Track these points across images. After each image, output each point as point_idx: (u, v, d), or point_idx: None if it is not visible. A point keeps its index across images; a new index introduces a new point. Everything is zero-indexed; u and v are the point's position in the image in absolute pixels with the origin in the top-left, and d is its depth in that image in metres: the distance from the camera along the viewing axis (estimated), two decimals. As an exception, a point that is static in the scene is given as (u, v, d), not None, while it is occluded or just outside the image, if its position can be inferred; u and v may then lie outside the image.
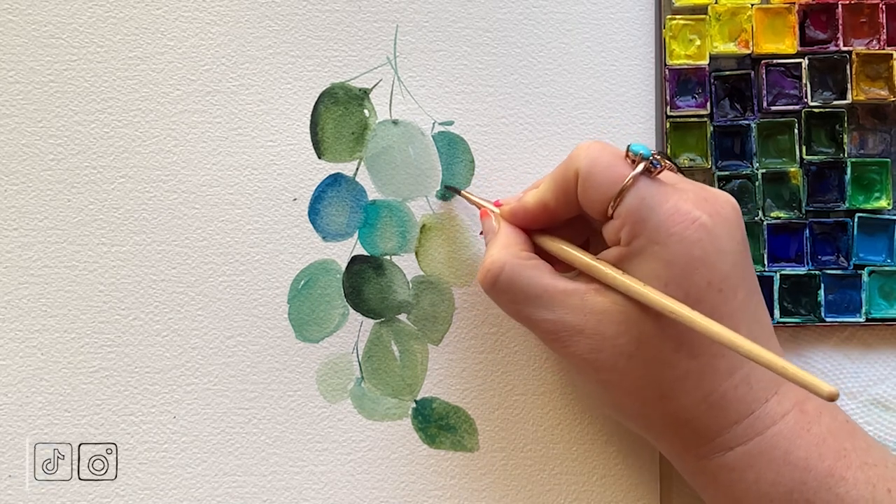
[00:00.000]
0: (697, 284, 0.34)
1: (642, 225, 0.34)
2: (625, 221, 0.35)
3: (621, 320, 0.35)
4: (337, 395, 0.43)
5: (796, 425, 0.35)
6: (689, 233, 0.34)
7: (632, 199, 0.34)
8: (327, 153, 0.43)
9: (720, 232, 0.35)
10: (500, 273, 0.36)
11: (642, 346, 0.35)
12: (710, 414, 0.35)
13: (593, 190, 0.35)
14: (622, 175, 0.35)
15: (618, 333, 0.35)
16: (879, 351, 0.43)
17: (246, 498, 0.42)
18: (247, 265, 0.43)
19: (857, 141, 0.44)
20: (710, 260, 0.34)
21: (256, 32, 0.43)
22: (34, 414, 0.42)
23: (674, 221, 0.34)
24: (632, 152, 0.35)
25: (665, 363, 0.35)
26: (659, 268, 0.34)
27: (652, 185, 0.35)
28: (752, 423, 0.35)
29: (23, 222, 0.42)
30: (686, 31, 0.43)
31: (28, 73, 0.42)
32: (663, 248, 0.34)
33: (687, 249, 0.34)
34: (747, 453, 0.35)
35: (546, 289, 0.36)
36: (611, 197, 0.35)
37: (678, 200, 0.34)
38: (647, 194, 0.34)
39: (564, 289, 0.36)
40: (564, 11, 0.44)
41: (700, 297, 0.34)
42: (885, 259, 0.43)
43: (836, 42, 0.43)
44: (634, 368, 0.35)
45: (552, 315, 0.36)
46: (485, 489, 0.43)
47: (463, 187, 0.43)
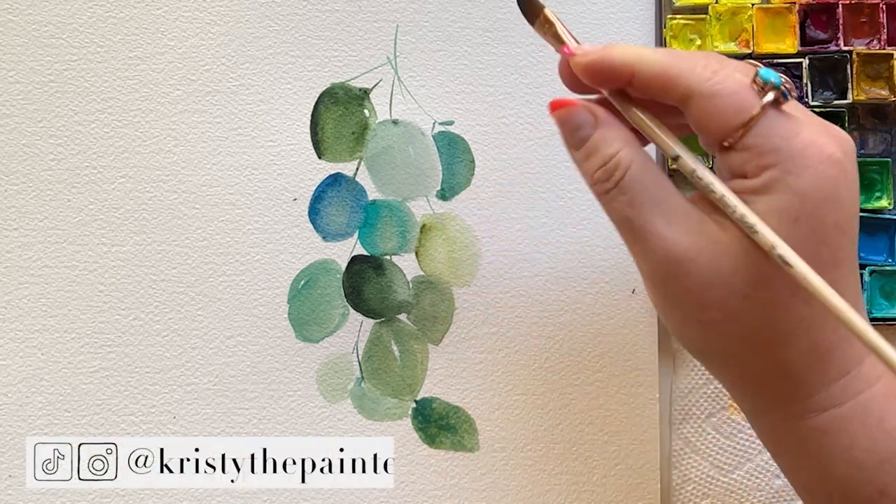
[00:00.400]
0: (825, 222, 0.32)
1: (776, 156, 0.31)
2: (754, 153, 0.32)
3: (742, 256, 0.32)
4: (337, 395, 0.43)
5: (888, 392, 0.33)
6: (823, 167, 0.31)
7: (762, 128, 0.31)
8: (327, 153, 0.43)
9: (850, 169, 0.32)
10: (628, 168, 0.32)
11: (759, 287, 0.32)
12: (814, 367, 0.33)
13: (715, 114, 0.32)
14: (751, 103, 0.31)
15: (734, 270, 0.32)
16: (880, 351, 0.43)
17: (245, 498, 0.42)
18: (247, 265, 0.43)
19: (857, 141, 0.44)
20: (840, 197, 0.32)
21: (256, 32, 0.43)
22: (34, 414, 0.42)
23: (809, 154, 0.31)
24: (761, 79, 0.32)
25: (780, 307, 0.32)
26: (793, 201, 0.31)
27: (780, 116, 0.32)
28: (849, 384, 0.33)
29: (23, 222, 0.42)
30: (686, 31, 0.43)
31: (28, 73, 0.42)
32: (798, 180, 0.31)
33: (821, 184, 0.31)
34: (842, 416, 0.33)
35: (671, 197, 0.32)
36: (734, 127, 0.32)
37: (811, 132, 0.32)
38: (778, 125, 0.32)
39: (690, 206, 0.32)
40: (565, 11, 0.44)
41: (825, 236, 0.32)
42: (886, 259, 0.43)
43: (837, 42, 0.43)
44: (746, 311, 0.32)
45: (668, 230, 0.32)
46: (485, 489, 0.43)
47: (463, 188, 0.43)
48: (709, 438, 0.43)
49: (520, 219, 0.43)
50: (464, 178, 0.43)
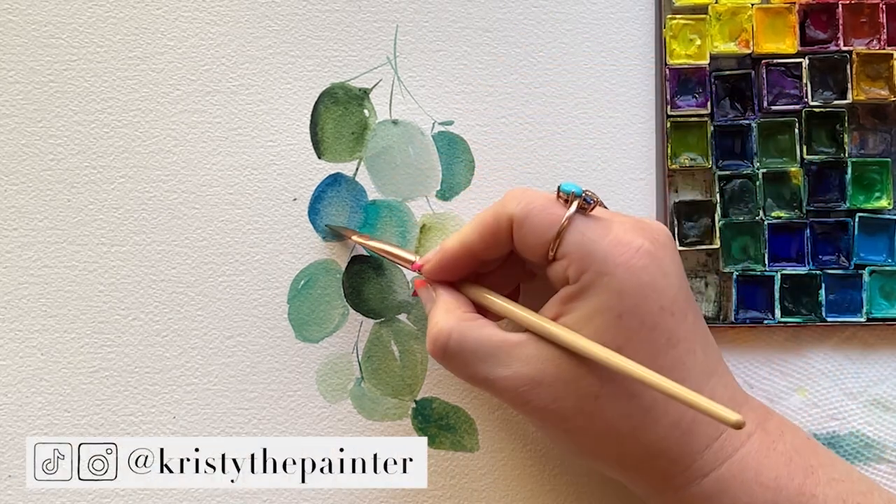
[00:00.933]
0: (651, 310, 0.34)
1: (589, 259, 0.34)
2: (570, 259, 0.35)
3: (580, 361, 0.35)
4: (337, 395, 0.43)
5: (762, 445, 0.35)
6: (634, 260, 0.34)
7: (573, 236, 0.35)
8: (327, 153, 0.43)
9: (662, 256, 0.35)
10: (448, 339, 0.36)
11: (605, 384, 0.34)
12: (682, 440, 0.35)
13: (531, 234, 0.35)
14: (558, 216, 0.35)
15: (579, 375, 0.35)
16: (880, 351, 0.43)
17: (245, 498, 0.42)
18: (247, 265, 0.43)
19: (857, 141, 0.44)
20: (659, 285, 0.34)
21: (256, 32, 0.43)
22: (34, 414, 0.42)
23: (619, 251, 0.34)
24: (563, 192, 0.35)
25: (630, 396, 0.35)
26: (612, 299, 0.34)
27: (589, 221, 0.35)
28: (722, 446, 0.35)
29: (23, 222, 0.42)
30: (686, 31, 0.43)
31: (28, 73, 0.42)
32: (612, 279, 0.34)
33: (636, 277, 0.34)
34: (720, 478, 0.35)
35: (497, 345, 0.36)
36: (550, 239, 0.35)
37: (618, 231, 0.35)
38: (587, 229, 0.35)
39: (516, 341, 0.36)
40: (564, 11, 0.44)
41: (655, 322, 0.34)
42: (885, 259, 0.43)
43: (837, 42, 0.43)
44: (602, 407, 0.35)
45: (508, 371, 0.35)
46: (485, 489, 0.43)
47: (463, 188, 0.43)
48: (708, 438, 0.43)
49: (520, 219, 0.43)
50: (464, 178, 0.43)
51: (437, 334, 0.36)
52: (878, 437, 0.43)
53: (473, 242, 0.37)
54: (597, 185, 0.43)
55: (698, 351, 0.35)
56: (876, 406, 0.43)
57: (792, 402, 0.43)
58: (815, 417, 0.43)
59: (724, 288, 0.43)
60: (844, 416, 0.43)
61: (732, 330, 0.43)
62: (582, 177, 0.43)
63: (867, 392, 0.43)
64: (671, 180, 0.44)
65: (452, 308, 0.37)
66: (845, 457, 0.43)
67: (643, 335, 0.34)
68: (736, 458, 0.35)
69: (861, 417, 0.43)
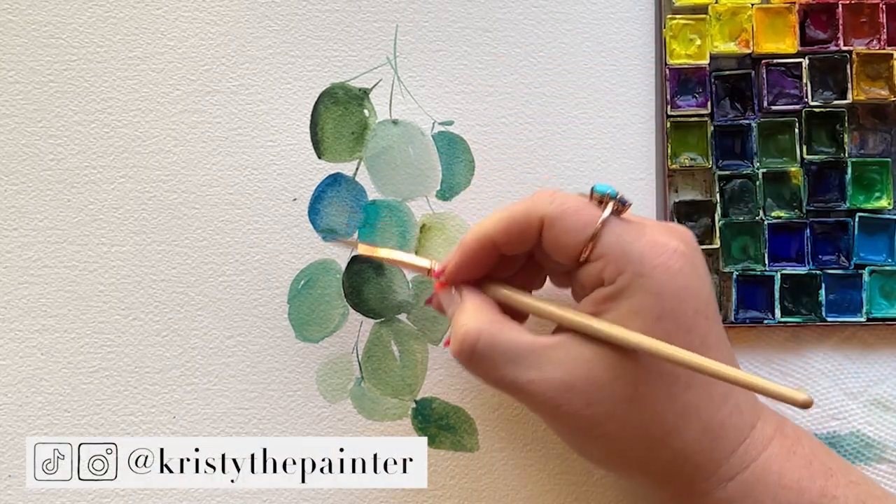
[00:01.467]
0: (687, 313, 0.34)
1: (625, 260, 0.34)
2: (606, 261, 0.34)
3: (614, 363, 0.34)
4: (337, 395, 0.43)
5: (782, 448, 0.36)
6: (671, 262, 0.34)
7: (608, 237, 0.34)
8: (327, 153, 0.43)
9: (696, 260, 0.35)
10: (476, 340, 0.35)
11: (640, 385, 0.34)
12: (712, 445, 0.35)
13: (564, 234, 0.35)
14: (593, 216, 0.34)
15: (613, 378, 0.34)
16: (880, 351, 0.43)
17: (245, 498, 0.42)
18: (247, 265, 0.43)
19: (857, 141, 0.44)
20: (694, 287, 0.34)
21: (256, 32, 0.43)
22: (34, 414, 0.42)
23: (656, 253, 0.34)
24: (598, 193, 0.35)
25: (665, 398, 0.34)
26: (650, 300, 0.34)
27: (623, 223, 0.35)
28: (747, 450, 0.35)
29: (23, 222, 0.42)
30: (686, 31, 0.43)
31: (28, 73, 0.42)
32: (650, 280, 0.34)
33: (673, 278, 0.34)
34: (745, 482, 0.35)
35: (528, 347, 0.35)
36: (584, 240, 0.34)
37: (653, 233, 0.35)
38: (622, 231, 0.34)
39: (548, 343, 0.35)
40: (564, 11, 0.44)
41: (691, 325, 0.34)
42: (885, 259, 0.43)
43: (837, 42, 0.43)
44: (635, 411, 0.34)
45: (539, 374, 0.34)
46: (485, 489, 0.43)
47: (463, 188, 0.43)
48: (708, 438, 0.43)
49: (520, 219, 0.43)
50: (463, 178, 0.43)
51: (465, 335, 0.35)
52: (879, 437, 0.43)
53: (496, 235, 0.36)
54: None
55: (725, 354, 0.35)
56: (876, 406, 0.43)
57: (792, 402, 0.43)
58: (816, 417, 0.43)
59: (724, 288, 0.43)
60: (845, 415, 0.43)
61: (732, 330, 0.43)
62: (582, 177, 0.43)
63: (867, 392, 0.43)
64: (671, 180, 0.44)
65: (481, 308, 0.36)
66: (846, 456, 0.43)
67: (679, 337, 0.34)
68: (760, 461, 0.35)
69: (861, 417, 0.43)
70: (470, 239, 0.36)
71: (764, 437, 0.35)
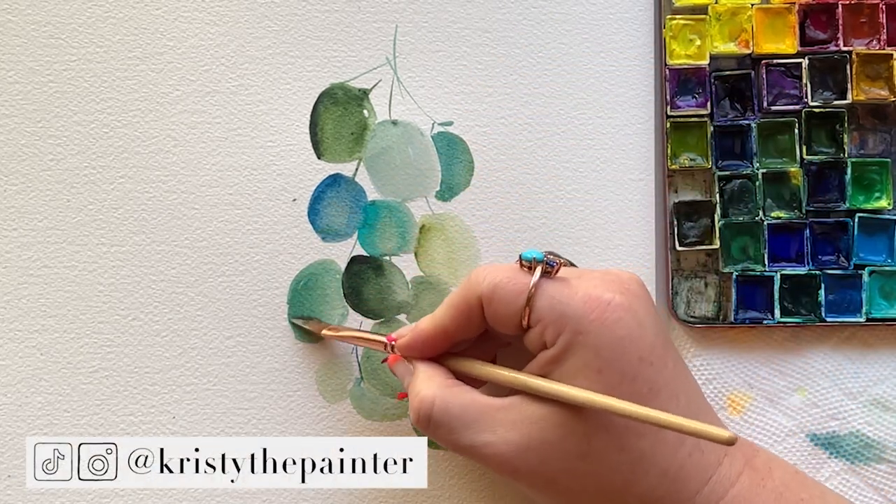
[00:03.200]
0: (630, 362, 0.34)
1: (563, 321, 0.34)
2: (545, 324, 0.35)
3: (564, 421, 0.34)
4: (337, 395, 0.43)
5: (752, 483, 0.35)
6: (607, 315, 0.34)
7: (542, 301, 0.35)
8: (327, 153, 0.43)
9: (636, 307, 0.35)
10: (432, 407, 0.36)
11: (592, 439, 0.34)
12: (673, 488, 0.35)
13: (502, 307, 0.35)
14: (525, 284, 0.35)
15: (565, 435, 0.34)
16: (880, 351, 0.43)
17: (245, 498, 0.42)
18: (247, 265, 0.43)
19: (857, 141, 0.44)
20: (635, 336, 0.35)
21: (256, 32, 0.43)
22: (34, 414, 0.42)
23: (590, 308, 0.34)
24: (525, 260, 0.35)
25: (618, 449, 0.34)
26: (591, 356, 0.34)
27: (556, 283, 0.35)
28: (713, 489, 0.35)
29: (23, 222, 0.42)
30: (686, 31, 0.43)
31: (28, 73, 0.42)
32: (588, 337, 0.34)
33: (611, 331, 0.34)
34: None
35: (481, 409, 0.35)
36: (520, 308, 0.35)
37: (587, 288, 0.35)
38: (555, 292, 0.35)
39: (500, 405, 0.35)
40: (564, 11, 0.44)
41: (635, 374, 0.34)
42: (885, 259, 0.43)
43: (837, 42, 0.43)
44: (590, 465, 0.35)
45: (494, 436, 0.35)
46: (485, 489, 0.43)
47: (462, 188, 0.43)
48: (708, 439, 0.43)
49: (519, 219, 0.43)
50: (463, 178, 0.43)
51: (420, 403, 0.36)
52: (879, 438, 0.43)
53: (447, 325, 0.37)
54: (596, 185, 0.43)
55: (681, 397, 0.35)
56: (876, 406, 0.43)
57: (792, 402, 0.43)
58: (816, 417, 0.43)
59: (724, 288, 0.43)
60: (844, 416, 0.43)
61: (732, 330, 0.43)
62: (581, 177, 0.43)
63: (867, 392, 0.43)
64: (671, 180, 0.44)
65: (433, 375, 0.37)
66: (845, 457, 0.43)
67: (624, 388, 0.34)
68: (728, 498, 0.35)
69: (861, 417, 0.43)
70: (424, 326, 0.38)
71: (732, 473, 0.35)
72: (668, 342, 0.36)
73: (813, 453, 0.43)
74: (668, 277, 0.43)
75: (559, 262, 0.36)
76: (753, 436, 0.43)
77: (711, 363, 0.43)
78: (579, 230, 0.43)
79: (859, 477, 0.43)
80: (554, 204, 0.43)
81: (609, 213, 0.43)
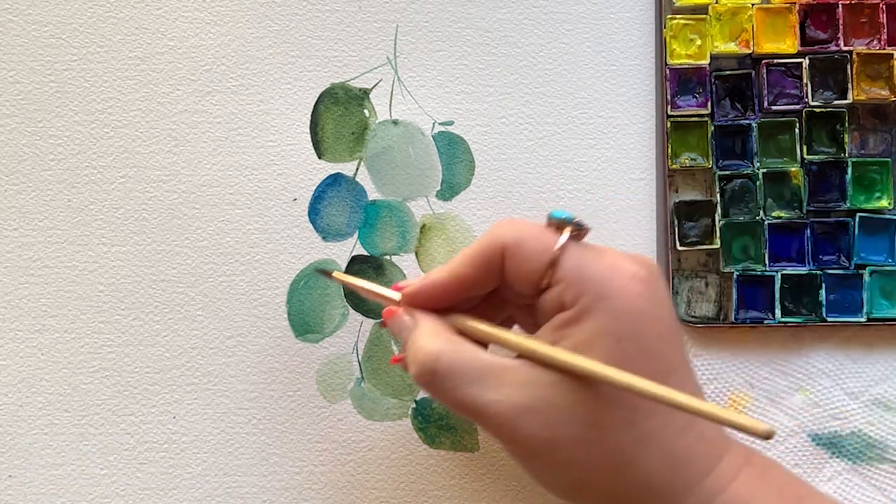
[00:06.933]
0: (649, 336, 0.34)
1: (587, 283, 0.34)
2: (567, 284, 0.34)
3: (576, 387, 0.33)
4: (337, 395, 0.43)
5: (752, 477, 0.35)
6: (632, 285, 0.34)
7: (568, 261, 0.34)
8: (327, 153, 0.43)
9: (657, 286, 0.35)
10: (437, 361, 0.34)
11: (601, 410, 0.33)
12: (675, 474, 0.34)
13: (525, 262, 0.34)
14: (552, 241, 0.34)
15: (575, 401, 0.33)
16: (881, 351, 0.43)
17: (246, 498, 0.42)
18: (247, 265, 0.43)
19: (857, 141, 0.44)
20: (656, 311, 0.34)
21: (256, 32, 0.43)
22: (34, 414, 0.42)
23: (616, 275, 0.34)
24: (555, 219, 0.35)
25: (626, 424, 0.34)
26: (611, 322, 0.33)
27: (582, 248, 0.35)
28: (714, 481, 0.34)
29: (23, 222, 0.42)
30: (687, 31, 0.43)
31: (28, 73, 0.42)
32: (611, 302, 0.33)
33: (634, 301, 0.33)
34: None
35: (489, 367, 0.34)
36: (544, 265, 0.34)
37: (613, 257, 0.34)
38: (581, 255, 0.34)
39: (509, 365, 0.34)
40: (564, 11, 0.44)
41: (653, 349, 0.34)
42: (886, 259, 0.43)
43: (837, 42, 0.43)
44: (595, 436, 0.34)
45: (500, 395, 0.34)
46: (485, 489, 0.43)
47: (463, 188, 0.43)
48: (709, 439, 0.43)
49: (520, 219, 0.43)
50: (464, 178, 0.43)
51: (425, 357, 0.34)
52: (880, 437, 0.43)
53: (465, 273, 0.36)
54: (597, 185, 0.43)
55: (690, 384, 0.35)
56: (877, 406, 0.43)
57: (793, 402, 0.43)
58: (817, 417, 0.43)
59: (725, 288, 0.43)
60: (846, 415, 0.43)
61: (733, 330, 0.43)
62: (582, 177, 0.43)
63: (868, 392, 0.43)
64: (671, 180, 0.44)
65: (438, 331, 0.35)
66: (847, 457, 0.43)
67: (642, 361, 0.33)
68: (729, 491, 0.34)
69: (863, 417, 0.43)
70: (437, 275, 0.36)
71: (733, 467, 0.35)
72: (681, 330, 0.35)
73: (815, 453, 0.43)
74: (669, 277, 0.43)
75: (586, 227, 0.35)
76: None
77: (712, 363, 0.43)
78: (580, 230, 0.43)
79: (861, 477, 0.43)
80: (554, 204, 0.43)
81: (609, 212, 0.43)
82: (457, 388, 0.34)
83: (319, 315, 0.43)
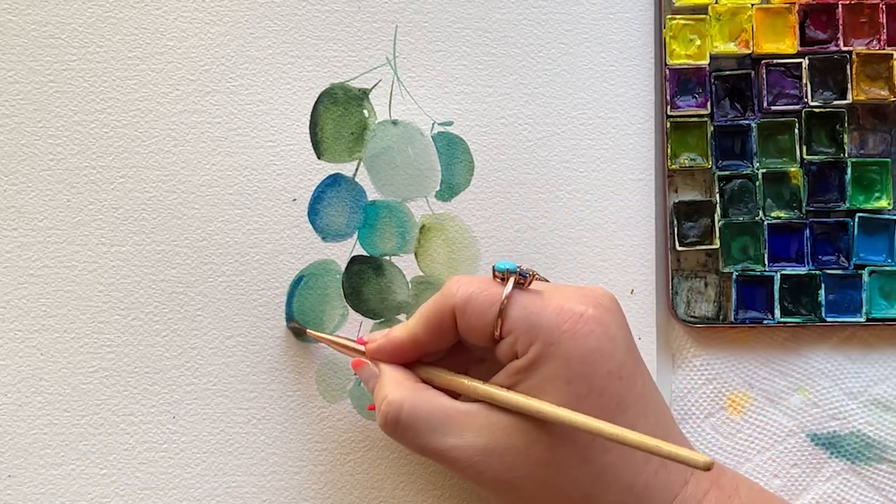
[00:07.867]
0: (599, 375, 0.34)
1: (535, 331, 0.35)
2: (516, 334, 0.35)
3: (530, 429, 0.35)
4: (337, 395, 0.43)
5: (718, 502, 0.35)
6: (579, 327, 0.34)
7: (515, 311, 0.35)
8: (327, 153, 0.43)
9: (608, 321, 0.35)
10: (400, 410, 0.36)
11: (554, 450, 0.34)
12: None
13: (475, 318, 0.36)
14: (498, 295, 0.35)
15: (529, 442, 0.35)
16: (880, 351, 0.43)
17: (246, 498, 0.42)
18: (247, 265, 0.43)
19: (857, 141, 0.44)
20: (606, 349, 0.35)
21: (256, 32, 0.43)
22: (34, 414, 0.42)
23: (563, 319, 0.35)
24: (498, 271, 0.36)
25: (581, 461, 0.35)
26: (560, 367, 0.34)
27: (529, 295, 0.35)
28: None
29: (23, 222, 0.42)
30: (686, 31, 0.43)
31: (28, 73, 0.42)
32: (560, 347, 0.34)
33: (581, 343, 0.34)
34: None
35: (449, 413, 0.35)
36: (493, 319, 0.35)
37: (560, 300, 0.35)
38: (528, 303, 0.35)
39: (468, 410, 0.36)
40: (564, 11, 0.44)
41: (604, 387, 0.34)
42: (885, 259, 0.43)
43: (837, 42, 0.43)
44: (553, 475, 0.35)
45: (461, 440, 0.35)
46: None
47: (462, 188, 0.43)
48: (707, 438, 0.43)
49: (519, 219, 0.43)
50: (463, 178, 0.43)
51: (388, 407, 0.36)
52: (879, 438, 0.43)
53: (419, 334, 0.37)
54: (596, 185, 0.43)
55: (649, 416, 0.35)
56: (876, 406, 0.43)
57: (792, 402, 0.43)
58: (816, 417, 0.43)
59: (724, 288, 0.43)
60: (845, 416, 0.43)
61: (732, 330, 0.43)
62: (582, 177, 0.43)
63: (867, 392, 0.43)
64: (671, 180, 0.44)
65: (401, 380, 0.37)
66: (846, 457, 0.43)
67: (592, 400, 0.34)
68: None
69: (862, 417, 0.43)
70: (396, 334, 0.38)
71: (698, 492, 0.35)
72: (638, 360, 0.36)
73: (813, 453, 0.43)
74: (668, 277, 0.43)
75: (532, 274, 0.36)
76: (754, 436, 0.43)
77: (711, 363, 0.43)
78: (579, 230, 0.43)
79: (860, 477, 0.43)
80: (554, 204, 0.43)
81: (609, 212, 0.43)
82: (419, 436, 0.36)
83: (319, 315, 0.43)
